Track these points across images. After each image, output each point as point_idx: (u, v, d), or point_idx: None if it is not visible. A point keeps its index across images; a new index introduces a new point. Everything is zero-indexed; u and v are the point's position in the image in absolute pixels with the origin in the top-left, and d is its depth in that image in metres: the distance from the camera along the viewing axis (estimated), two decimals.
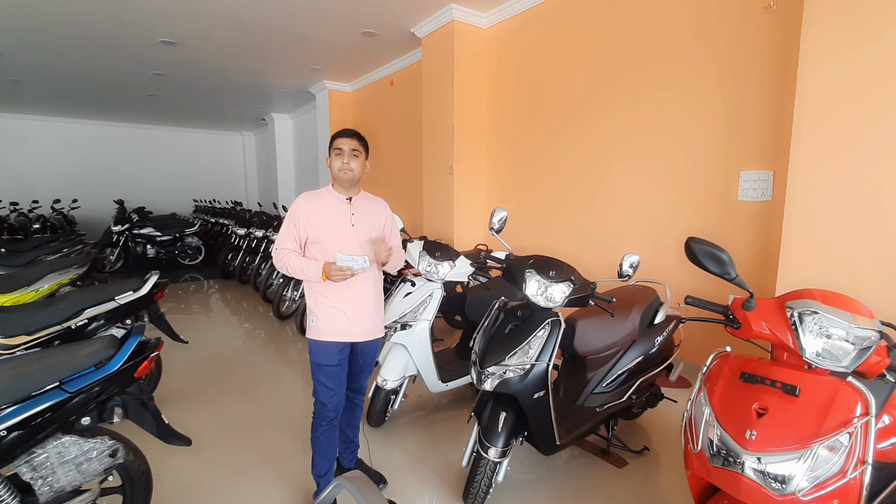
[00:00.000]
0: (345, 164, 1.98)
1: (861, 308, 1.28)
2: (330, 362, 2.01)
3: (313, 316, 2.02)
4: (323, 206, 2.01)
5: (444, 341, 4.12)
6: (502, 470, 1.99)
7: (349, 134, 2.03)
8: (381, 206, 2.19)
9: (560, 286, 1.96)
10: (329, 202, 2.03)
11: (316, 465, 2.09)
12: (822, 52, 2.38)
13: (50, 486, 1.53)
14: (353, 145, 2.00)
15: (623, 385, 2.42)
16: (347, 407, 2.25)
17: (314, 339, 2.02)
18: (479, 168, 5.22)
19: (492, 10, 4.83)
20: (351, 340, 2.06)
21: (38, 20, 5.00)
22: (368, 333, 2.10)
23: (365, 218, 2.07)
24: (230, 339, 4.70)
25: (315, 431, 2.07)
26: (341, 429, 2.28)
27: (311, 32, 5.43)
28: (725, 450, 1.28)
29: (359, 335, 2.06)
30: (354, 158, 2.00)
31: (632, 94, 3.72)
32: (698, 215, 3.37)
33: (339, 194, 2.05)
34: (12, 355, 1.84)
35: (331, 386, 2.03)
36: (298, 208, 2.00)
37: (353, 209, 2.05)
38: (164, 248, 8.26)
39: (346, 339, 2.04)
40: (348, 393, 2.23)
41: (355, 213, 2.04)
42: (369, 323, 2.09)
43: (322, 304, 2.01)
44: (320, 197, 2.04)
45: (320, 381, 2.03)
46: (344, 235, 2.00)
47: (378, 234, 2.11)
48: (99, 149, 11.64)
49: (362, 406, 2.30)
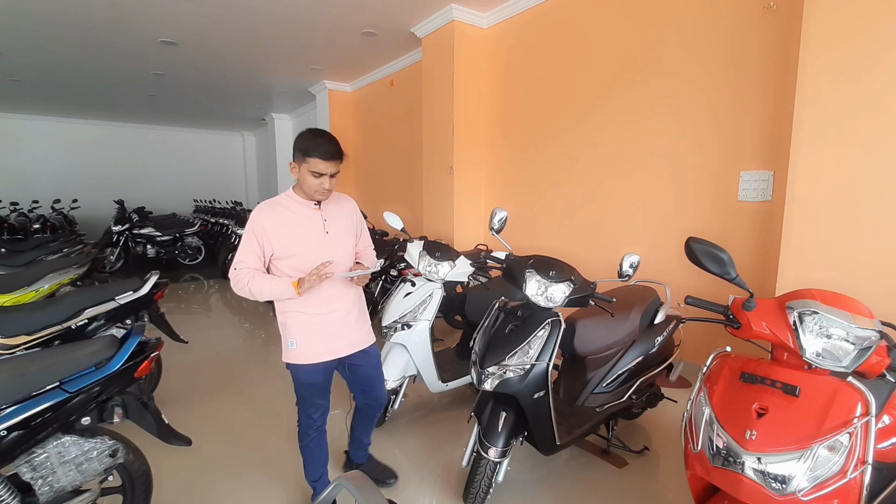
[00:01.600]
0: (324, 188, 1.76)
1: (861, 308, 1.28)
2: (315, 380, 1.88)
3: (291, 338, 1.83)
4: (289, 217, 1.80)
5: (444, 341, 4.13)
6: (502, 470, 1.98)
7: (329, 156, 1.71)
8: (349, 204, 2.01)
9: (560, 286, 1.96)
10: (295, 211, 1.82)
11: (309, 471, 2.03)
12: (822, 52, 2.38)
13: (50, 486, 1.53)
14: (334, 169, 1.75)
15: (623, 385, 2.42)
16: (363, 416, 2.17)
17: (296, 363, 1.84)
18: (479, 168, 5.22)
19: (492, 10, 4.83)
20: (337, 356, 1.91)
21: (38, 20, 5.00)
22: (357, 343, 1.96)
23: (337, 223, 1.90)
24: (230, 339, 4.70)
25: (303, 441, 1.97)
26: (355, 436, 2.24)
27: (312, 32, 5.43)
28: (725, 450, 1.28)
29: (346, 348, 1.92)
30: (332, 179, 1.78)
31: (632, 94, 3.72)
32: (698, 215, 3.37)
33: (304, 200, 1.84)
34: (12, 355, 1.84)
35: (317, 400, 1.92)
36: (261, 222, 1.76)
37: (324, 215, 1.86)
38: (164, 248, 8.25)
39: (333, 356, 1.89)
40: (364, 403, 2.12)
41: (327, 220, 1.86)
42: (357, 332, 1.96)
43: (301, 324, 1.83)
44: (283, 206, 1.81)
45: (305, 398, 1.91)
46: (319, 245, 1.82)
47: (352, 237, 1.96)
48: (99, 149, 11.64)
49: (378, 416, 2.20)
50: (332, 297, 1.88)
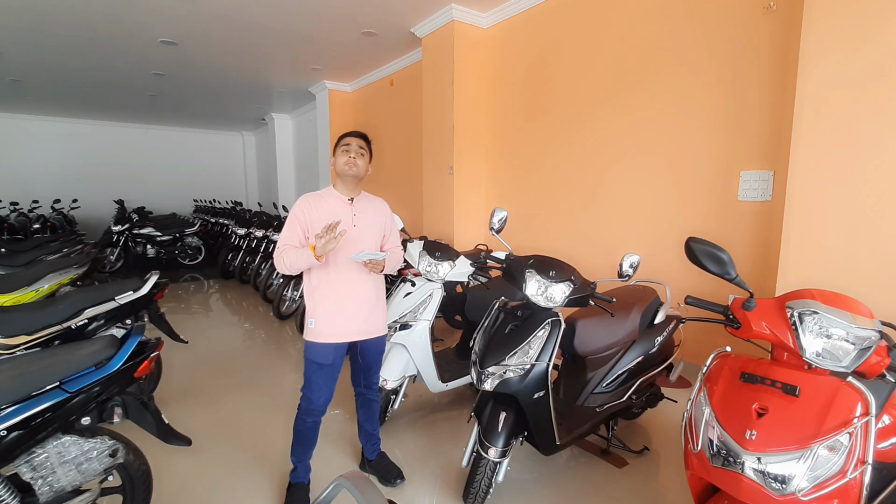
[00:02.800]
0: (351, 158, 2.00)
1: (861, 308, 1.28)
2: (325, 361, 2.03)
3: (311, 318, 2.03)
4: (325, 207, 2.02)
5: (444, 341, 4.12)
6: (502, 470, 1.98)
7: (356, 134, 2.07)
8: (382, 206, 2.21)
9: (560, 286, 1.96)
10: (330, 203, 2.04)
11: (295, 451, 2.13)
12: (822, 52, 2.38)
13: (50, 485, 1.53)
14: (360, 143, 2.04)
15: (623, 385, 2.42)
16: (363, 402, 2.31)
17: (312, 340, 2.03)
18: (479, 168, 5.22)
19: (492, 10, 4.83)
20: (349, 340, 2.07)
21: (39, 20, 5.00)
22: (369, 331, 2.11)
23: (366, 219, 2.09)
24: (230, 339, 4.70)
25: (299, 425, 2.10)
26: (360, 424, 2.35)
27: (312, 32, 5.43)
28: (725, 450, 1.28)
29: (357, 334, 2.07)
30: (360, 156, 2.03)
31: (632, 94, 3.72)
32: (698, 215, 3.37)
33: (341, 195, 2.07)
34: (12, 355, 1.83)
35: (322, 384, 2.06)
36: (302, 208, 2.00)
37: (355, 210, 2.06)
38: (164, 248, 8.25)
39: (344, 339, 2.06)
40: (362, 389, 2.28)
41: (357, 214, 2.05)
42: (370, 321, 2.10)
43: (321, 306, 2.02)
44: (322, 198, 2.05)
45: (312, 379, 2.06)
46: (346, 236, 1.99)
47: (379, 234, 2.14)
48: (99, 149, 11.64)
49: (378, 400, 2.33)
50: (351, 284, 2.04)
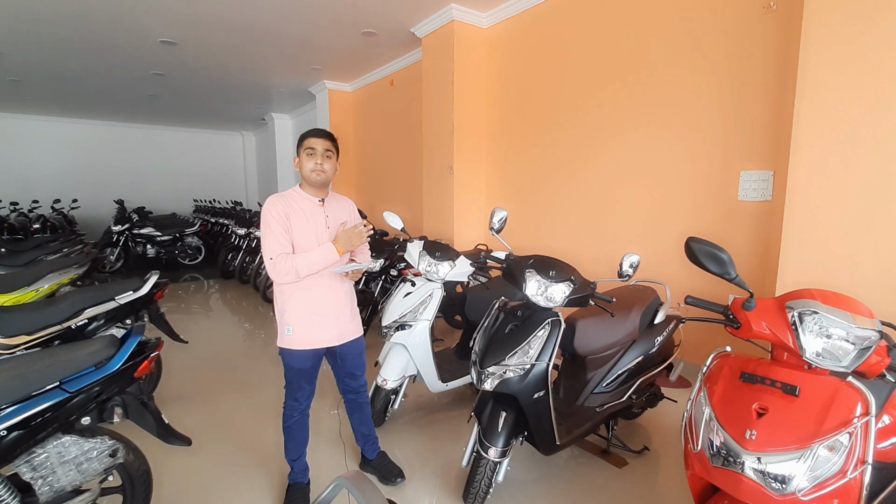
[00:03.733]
0: (318, 164, 1.92)
1: (861, 308, 1.28)
2: (305, 366, 2.02)
3: (287, 325, 1.97)
4: (296, 209, 1.93)
5: (444, 341, 4.12)
6: (502, 470, 1.99)
7: (321, 134, 1.95)
8: (349, 205, 2.17)
9: (560, 286, 1.96)
10: (301, 205, 1.95)
11: (289, 451, 2.14)
12: (822, 52, 2.38)
13: (50, 485, 1.53)
14: (325, 146, 1.93)
15: (623, 385, 2.42)
16: (354, 407, 2.29)
17: (289, 348, 1.98)
18: (479, 168, 5.22)
19: (492, 10, 4.83)
20: (327, 346, 2.05)
21: (39, 20, 5.00)
22: (345, 335, 2.10)
23: (337, 221, 2.04)
24: (230, 339, 4.70)
25: (287, 422, 2.10)
26: (355, 428, 2.35)
27: (311, 32, 5.43)
28: (725, 450, 1.28)
29: (335, 339, 2.06)
30: (327, 159, 1.94)
31: (631, 95, 3.72)
32: (698, 215, 3.37)
33: (310, 196, 1.99)
34: (12, 355, 1.84)
35: (304, 384, 2.07)
36: (277, 211, 1.89)
37: (327, 211, 2.01)
38: (164, 248, 8.25)
39: (322, 345, 2.03)
40: (351, 395, 2.26)
41: (329, 216, 2.01)
42: (348, 325, 2.10)
43: (300, 313, 1.97)
44: (291, 199, 1.95)
45: (294, 381, 2.05)
46: (320, 238, 1.96)
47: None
48: (99, 149, 11.62)
49: (368, 402, 2.33)
50: (327, 291, 2.01)
